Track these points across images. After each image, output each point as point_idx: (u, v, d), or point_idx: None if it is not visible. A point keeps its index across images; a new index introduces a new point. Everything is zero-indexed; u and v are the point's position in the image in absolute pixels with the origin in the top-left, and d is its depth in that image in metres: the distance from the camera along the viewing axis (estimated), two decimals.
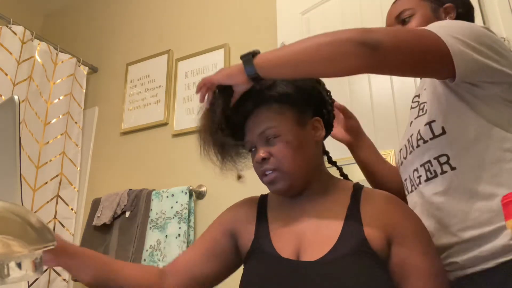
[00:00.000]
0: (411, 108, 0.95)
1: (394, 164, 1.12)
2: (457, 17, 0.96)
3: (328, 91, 0.92)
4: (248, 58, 0.76)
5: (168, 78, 2.22)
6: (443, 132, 0.80)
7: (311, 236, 0.78)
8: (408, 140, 0.90)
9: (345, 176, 0.97)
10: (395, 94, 1.46)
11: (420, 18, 0.94)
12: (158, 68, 2.28)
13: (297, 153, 0.80)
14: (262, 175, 0.82)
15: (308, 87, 0.86)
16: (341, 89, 1.57)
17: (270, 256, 0.79)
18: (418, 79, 1.44)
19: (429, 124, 0.82)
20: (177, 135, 2.09)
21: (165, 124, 2.15)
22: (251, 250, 0.84)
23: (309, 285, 0.71)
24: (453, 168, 0.79)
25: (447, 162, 0.79)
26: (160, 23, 2.41)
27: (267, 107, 0.82)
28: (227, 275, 0.90)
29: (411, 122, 0.92)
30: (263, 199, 0.92)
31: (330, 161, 0.96)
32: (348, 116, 1.07)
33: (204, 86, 0.82)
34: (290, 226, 0.82)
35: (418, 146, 0.85)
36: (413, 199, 0.89)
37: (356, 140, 1.06)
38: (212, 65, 2.08)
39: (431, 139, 0.82)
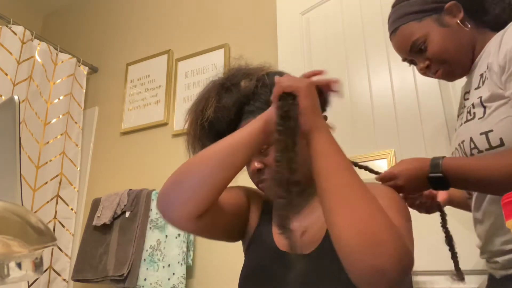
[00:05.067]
0: (463, 105, 0.94)
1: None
2: (466, 11, 0.90)
3: None
4: (437, 163, 0.80)
5: (168, 78, 2.22)
6: (501, 143, 0.78)
7: (306, 231, 0.80)
8: (460, 145, 0.88)
9: None
10: (395, 94, 1.46)
11: (435, 37, 0.90)
12: (158, 68, 2.28)
13: None
14: (257, 183, 0.84)
15: None
16: (341, 89, 1.57)
17: (268, 246, 0.81)
18: (418, 79, 1.44)
19: (485, 134, 0.80)
20: (177, 135, 2.09)
21: (165, 124, 2.15)
22: (253, 237, 0.86)
23: (301, 276, 0.73)
24: None
25: None
26: (160, 23, 2.41)
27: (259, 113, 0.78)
28: (224, 238, 0.87)
29: (461, 124, 0.90)
30: None
31: None
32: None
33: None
34: None
35: (472, 155, 0.84)
36: (473, 204, 0.93)
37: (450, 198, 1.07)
38: (212, 65, 2.08)
39: (487, 149, 0.80)
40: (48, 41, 2.34)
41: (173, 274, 1.71)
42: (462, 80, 1.15)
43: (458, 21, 0.90)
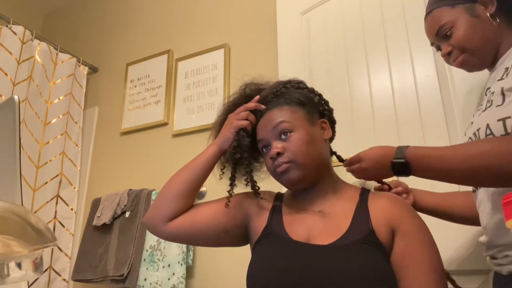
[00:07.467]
0: (483, 100, 0.92)
1: None
2: (500, 7, 0.90)
3: (326, 101, 0.99)
4: (401, 150, 0.82)
5: (168, 78, 2.22)
6: None
7: (321, 225, 0.83)
8: (475, 134, 0.86)
9: None
10: (395, 94, 1.46)
11: (462, 26, 0.91)
12: (158, 68, 2.28)
13: (310, 147, 0.85)
14: (275, 168, 0.87)
15: (310, 95, 0.94)
16: (341, 89, 1.57)
17: (282, 238, 0.84)
18: (418, 79, 1.44)
19: (503, 120, 0.79)
20: (177, 135, 2.09)
21: (165, 124, 2.15)
22: (263, 234, 0.89)
23: (319, 265, 0.76)
24: None
25: None
26: (160, 23, 2.41)
27: (280, 108, 0.90)
28: (218, 245, 1.00)
29: (479, 115, 0.88)
30: (279, 194, 0.99)
31: (340, 159, 0.97)
32: (395, 187, 1.02)
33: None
34: (302, 216, 0.88)
35: None
36: (480, 196, 0.89)
37: (412, 195, 1.03)
38: (212, 65, 2.08)
39: (502, 136, 0.78)
40: (48, 41, 2.34)
41: (173, 274, 1.71)
42: (463, 81, 1.15)
43: (489, 14, 0.90)
